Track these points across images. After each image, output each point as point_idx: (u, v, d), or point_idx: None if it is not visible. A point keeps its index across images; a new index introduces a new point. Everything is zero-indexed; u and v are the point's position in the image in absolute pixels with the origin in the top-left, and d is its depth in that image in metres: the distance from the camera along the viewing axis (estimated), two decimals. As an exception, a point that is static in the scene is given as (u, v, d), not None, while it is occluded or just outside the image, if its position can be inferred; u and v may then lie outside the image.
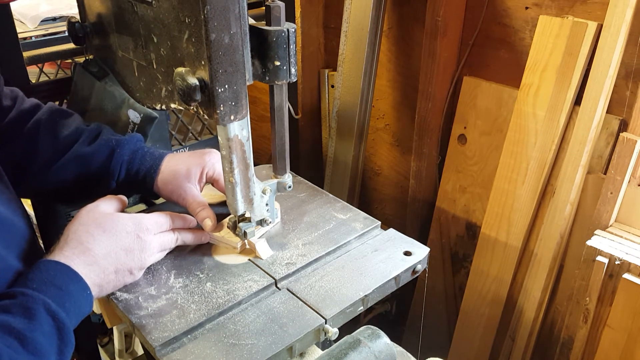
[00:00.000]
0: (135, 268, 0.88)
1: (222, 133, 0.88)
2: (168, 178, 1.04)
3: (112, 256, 0.84)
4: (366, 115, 1.79)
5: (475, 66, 1.60)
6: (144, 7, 0.89)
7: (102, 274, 0.83)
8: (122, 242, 0.86)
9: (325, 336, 0.87)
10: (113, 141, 1.05)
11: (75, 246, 0.82)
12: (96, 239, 0.84)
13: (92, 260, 0.82)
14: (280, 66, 0.86)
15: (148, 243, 0.89)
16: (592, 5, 1.31)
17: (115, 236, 0.85)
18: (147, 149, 1.08)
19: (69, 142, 1.03)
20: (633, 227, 1.37)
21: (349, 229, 1.09)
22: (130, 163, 1.04)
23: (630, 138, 1.29)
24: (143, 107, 1.16)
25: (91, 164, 1.03)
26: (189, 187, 1.03)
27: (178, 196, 1.04)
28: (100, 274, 0.83)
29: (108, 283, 0.85)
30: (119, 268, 0.86)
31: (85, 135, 1.04)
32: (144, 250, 0.89)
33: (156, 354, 0.82)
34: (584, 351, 1.41)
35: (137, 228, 0.88)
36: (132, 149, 1.05)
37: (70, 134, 1.04)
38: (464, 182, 1.69)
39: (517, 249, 1.54)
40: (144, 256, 0.89)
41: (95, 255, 0.82)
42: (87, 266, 0.81)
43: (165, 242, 0.94)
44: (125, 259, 0.86)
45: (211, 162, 1.05)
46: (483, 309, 1.65)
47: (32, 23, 1.44)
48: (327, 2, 1.92)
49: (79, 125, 1.06)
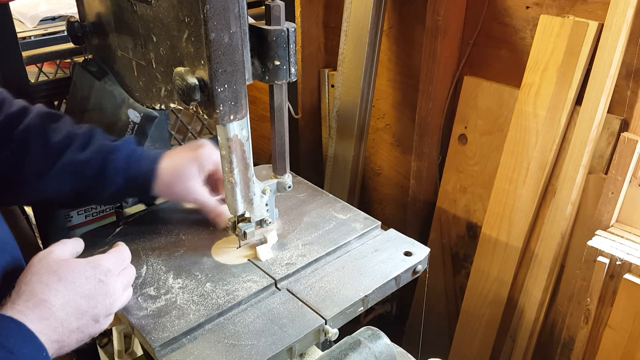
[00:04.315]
0: (101, 315, 0.79)
1: (221, 133, 0.88)
2: (169, 180, 1.02)
3: (72, 305, 0.75)
4: (366, 115, 1.78)
5: (475, 66, 1.60)
6: (144, 6, 0.89)
7: (61, 328, 0.73)
8: (82, 288, 0.77)
9: (325, 337, 0.87)
10: (107, 147, 1.01)
11: (28, 299, 0.72)
12: (51, 288, 0.74)
13: (48, 314, 0.72)
14: (280, 66, 0.86)
15: (112, 286, 0.80)
16: (593, 5, 1.31)
17: (74, 283, 0.76)
18: (142, 151, 1.05)
19: (61, 149, 0.98)
20: (634, 227, 1.36)
21: (349, 229, 1.09)
22: (126, 170, 1.01)
23: (631, 138, 1.28)
24: (142, 106, 1.15)
25: (85, 172, 0.99)
26: (193, 186, 1.02)
27: (184, 197, 1.04)
28: (58, 327, 0.73)
29: (70, 337, 0.75)
30: (81, 318, 0.76)
31: (78, 140, 1.00)
32: (109, 294, 0.79)
33: (155, 354, 0.82)
34: (584, 352, 1.41)
35: (98, 272, 0.79)
36: (127, 154, 1.02)
37: (62, 140, 0.99)
38: (464, 182, 1.69)
39: (517, 249, 1.54)
40: (108, 301, 0.79)
41: (51, 307, 0.73)
42: (43, 320, 0.72)
43: (128, 278, 0.87)
44: (87, 307, 0.76)
45: (206, 154, 1.03)
46: (484, 310, 1.65)
47: (31, 22, 1.44)
48: (327, 2, 1.92)
49: (70, 129, 1.01)
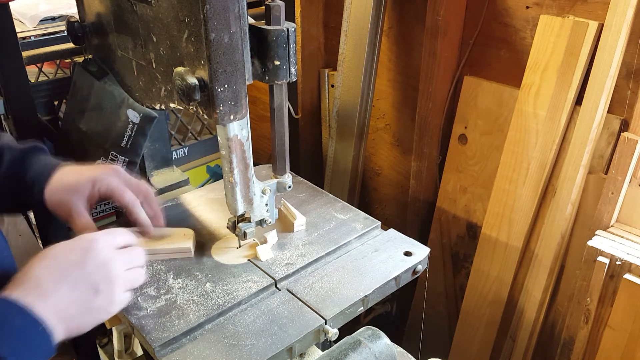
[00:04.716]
0: (100, 283, 0.75)
1: (221, 133, 0.88)
2: (55, 188, 0.94)
3: (59, 276, 0.73)
4: (366, 115, 1.78)
5: (475, 66, 1.59)
6: (144, 6, 0.89)
7: (53, 298, 0.71)
8: (67, 259, 0.75)
9: (325, 337, 0.87)
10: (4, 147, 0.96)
11: (16, 281, 0.72)
12: (36, 266, 0.73)
13: (34, 285, 0.71)
14: (280, 66, 0.86)
15: (101, 253, 0.77)
16: (593, 5, 1.31)
17: (57, 256, 0.75)
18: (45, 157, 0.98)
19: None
20: (634, 227, 1.36)
21: (349, 229, 1.09)
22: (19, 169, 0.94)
23: (631, 138, 1.28)
24: (142, 106, 1.15)
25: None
26: (75, 202, 0.93)
27: (63, 210, 0.94)
28: (50, 298, 0.71)
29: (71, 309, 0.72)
30: (75, 288, 0.73)
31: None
32: (101, 262, 0.76)
33: (155, 354, 0.82)
34: (584, 352, 1.41)
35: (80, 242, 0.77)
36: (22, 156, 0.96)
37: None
38: (464, 182, 1.69)
39: (517, 249, 1.54)
40: (104, 269, 0.76)
41: (38, 280, 0.72)
42: (31, 291, 0.70)
43: (131, 256, 0.81)
44: (79, 275, 0.74)
45: (103, 176, 0.95)
46: (484, 310, 1.65)
47: (31, 22, 1.44)
48: (327, 2, 1.91)
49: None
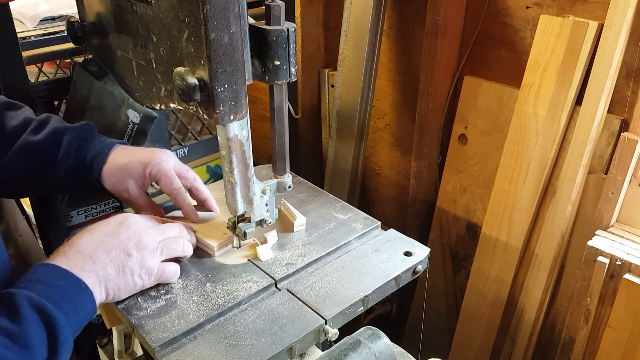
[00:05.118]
0: (132, 247, 0.86)
1: (221, 133, 0.88)
2: (112, 170, 1.00)
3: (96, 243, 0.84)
4: (366, 115, 1.78)
5: (475, 66, 1.59)
6: (144, 6, 0.89)
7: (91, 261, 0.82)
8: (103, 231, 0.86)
9: (326, 337, 0.87)
10: (62, 128, 1.02)
11: (57, 252, 0.83)
12: (76, 238, 0.85)
13: (75, 251, 0.82)
14: (280, 66, 0.86)
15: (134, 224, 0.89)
16: (593, 5, 1.31)
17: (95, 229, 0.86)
18: (98, 136, 1.05)
19: (16, 134, 1.01)
20: (634, 227, 1.36)
21: (349, 229, 1.09)
22: (78, 149, 1.01)
23: (631, 138, 1.28)
24: (142, 106, 1.15)
25: (39, 152, 1.00)
26: (131, 183, 1.00)
27: (120, 192, 1.01)
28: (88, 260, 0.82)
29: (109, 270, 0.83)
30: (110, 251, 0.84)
31: (34, 124, 1.02)
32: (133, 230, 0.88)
33: (155, 354, 0.82)
34: (584, 352, 1.41)
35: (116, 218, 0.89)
36: (82, 136, 1.02)
37: (18, 125, 1.02)
38: (464, 182, 1.69)
39: (517, 249, 1.54)
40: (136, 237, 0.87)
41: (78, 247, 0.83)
42: (73, 256, 0.82)
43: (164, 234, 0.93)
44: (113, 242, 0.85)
45: (156, 160, 1.01)
46: (484, 310, 1.65)
47: (31, 22, 1.44)
48: (327, 1, 1.91)
49: (27, 116, 1.04)
